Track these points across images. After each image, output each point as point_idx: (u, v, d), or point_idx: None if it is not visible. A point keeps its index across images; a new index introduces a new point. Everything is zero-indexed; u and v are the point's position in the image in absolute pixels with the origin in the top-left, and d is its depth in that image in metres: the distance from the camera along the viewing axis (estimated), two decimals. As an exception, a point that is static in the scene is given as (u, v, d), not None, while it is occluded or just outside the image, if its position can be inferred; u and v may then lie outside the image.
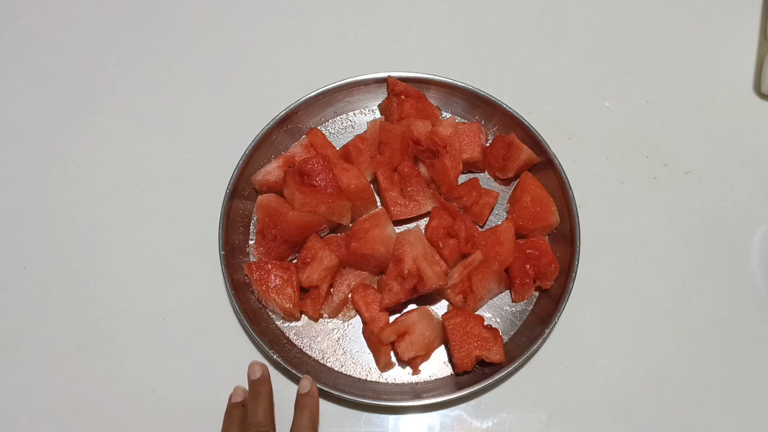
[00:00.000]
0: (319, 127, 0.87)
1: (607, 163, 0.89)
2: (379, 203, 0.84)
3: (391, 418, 0.77)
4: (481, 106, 0.86)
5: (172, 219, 0.86)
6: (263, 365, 0.72)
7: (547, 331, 0.74)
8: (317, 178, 0.77)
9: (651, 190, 0.87)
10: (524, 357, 0.74)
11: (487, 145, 0.87)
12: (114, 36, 0.97)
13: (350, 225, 0.82)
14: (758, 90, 0.93)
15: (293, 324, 0.79)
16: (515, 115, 0.84)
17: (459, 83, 0.86)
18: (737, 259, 0.84)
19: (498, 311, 0.81)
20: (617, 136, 0.90)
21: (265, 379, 0.71)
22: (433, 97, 0.87)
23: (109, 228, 0.86)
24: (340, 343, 0.79)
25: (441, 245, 0.78)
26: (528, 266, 0.78)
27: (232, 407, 0.70)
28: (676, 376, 0.79)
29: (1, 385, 0.79)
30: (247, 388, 0.73)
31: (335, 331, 0.79)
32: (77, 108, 0.93)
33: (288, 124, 0.85)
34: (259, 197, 0.80)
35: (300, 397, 0.70)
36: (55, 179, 0.89)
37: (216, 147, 0.88)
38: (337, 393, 0.73)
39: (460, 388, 0.73)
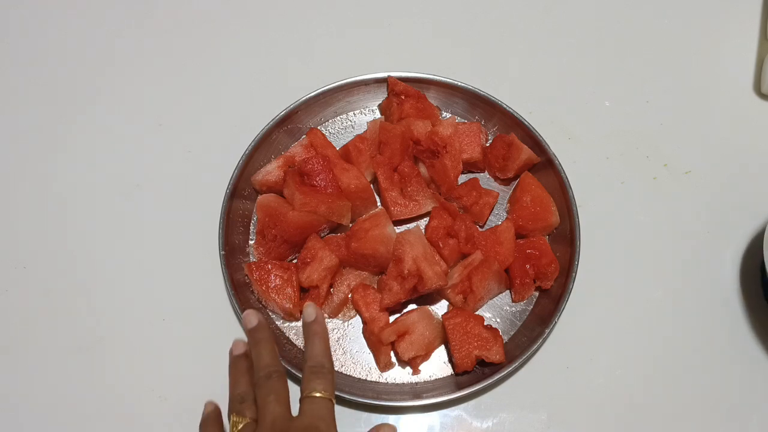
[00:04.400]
0: (319, 127, 0.87)
1: (607, 163, 0.89)
2: (379, 203, 0.84)
3: (391, 418, 0.77)
4: (481, 106, 0.86)
5: (172, 219, 0.86)
6: (258, 312, 0.68)
7: (547, 331, 0.74)
8: (317, 178, 0.77)
9: (651, 190, 0.87)
10: (524, 357, 0.74)
11: (487, 145, 0.87)
12: (114, 35, 0.97)
13: (350, 225, 0.81)
14: (758, 90, 0.92)
15: (293, 324, 0.79)
16: (515, 115, 0.84)
17: (459, 83, 0.86)
18: (737, 258, 0.84)
19: (498, 311, 0.81)
20: (617, 136, 0.90)
21: (263, 326, 0.67)
22: (433, 97, 0.88)
23: (109, 228, 0.86)
24: (340, 343, 0.79)
25: (441, 245, 0.78)
26: (528, 266, 0.78)
27: (235, 359, 0.66)
28: (677, 376, 0.79)
29: (1, 385, 0.79)
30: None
31: (335, 331, 0.79)
32: (77, 107, 0.92)
33: (288, 124, 0.85)
34: (259, 197, 0.80)
35: (308, 326, 0.66)
36: (55, 179, 0.89)
37: (216, 147, 0.88)
38: (337, 393, 0.71)
39: (460, 388, 0.73)
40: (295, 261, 0.81)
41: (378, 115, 0.90)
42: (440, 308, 0.81)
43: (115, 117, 0.92)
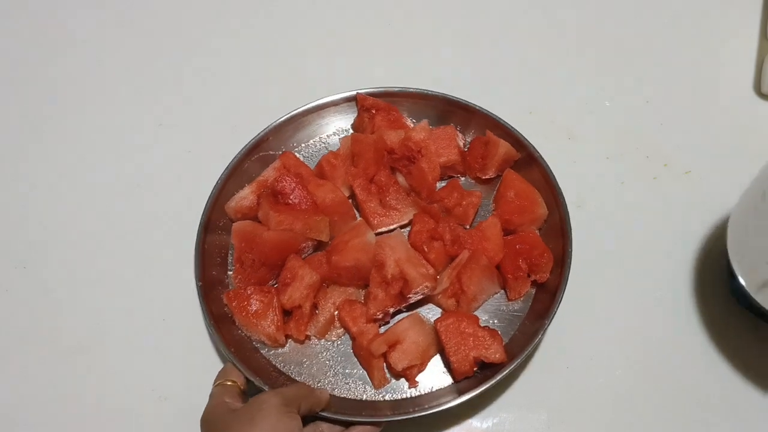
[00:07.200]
0: (293, 152, 1.01)
1: (607, 163, 1.04)
2: (359, 217, 0.96)
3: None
4: (457, 112, 1.01)
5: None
6: None
7: (547, 323, 0.83)
8: (291, 196, 0.90)
9: (651, 190, 1.01)
10: (526, 353, 0.82)
11: (466, 150, 1.00)
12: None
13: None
14: (758, 90, 1.08)
15: (279, 351, 0.89)
16: (491, 116, 0.97)
17: (430, 91, 1.01)
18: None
19: (495, 312, 0.91)
20: (617, 136, 1.05)
21: None
22: (406, 110, 1.03)
23: (109, 228, 1.01)
24: (331, 364, 0.88)
25: (426, 249, 0.89)
26: (520, 261, 0.89)
27: None
28: (677, 375, 0.89)
29: (1, 385, 0.91)
30: None
31: (324, 352, 0.89)
32: (79, 109, 1.12)
33: (259, 152, 0.99)
34: (234, 224, 0.92)
35: None
36: (55, 179, 1.06)
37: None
38: (333, 416, 0.82)
39: (462, 394, 0.81)
40: (276, 285, 0.91)
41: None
42: (435, 315, 0.91)
43: (116, 118, 1.11)
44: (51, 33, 1.19)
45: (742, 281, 0.81)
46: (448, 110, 1.03)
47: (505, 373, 0.83)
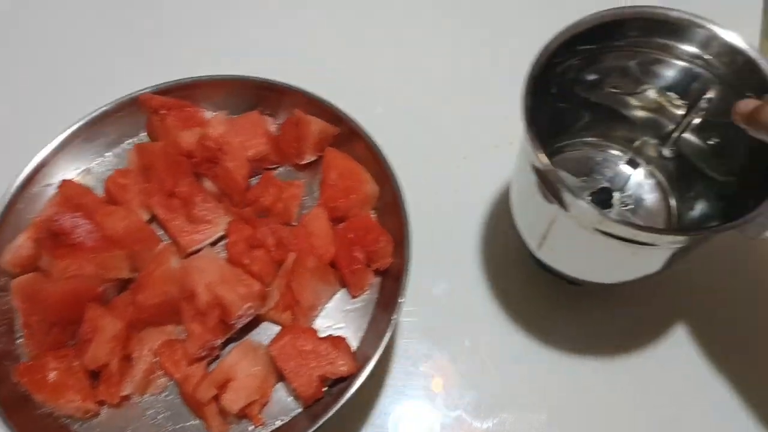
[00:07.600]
0: (78, 178, 0.91)
1: None
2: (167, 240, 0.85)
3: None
4: (266, 96, 0.94)
5: None
6: None
7: (395, 315, 0.77)
8: (74, 234, 0.79)
9: None
10: (380, 352, 0.77)
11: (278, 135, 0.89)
12: None
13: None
14: (758, 90, 1.07)
15: (95, 421, 0.79)
16: (301, 91, 0.92)
17: (226, 76, 0.95)
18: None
19: (340, 315, 0.84)
20: None
21: None
22: (211, 106, 0.96)
23: None
24: (160, 422, 0.79)
25: (248, 261, 0.80)
26: (355, 251, 0.83)
27: None
28: (678, 375, 0.91)
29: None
30: None
31: (150, 409, 0.79)
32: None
33: (34, 186, 0.89)
34: (13, 282, 0.81)
35: None
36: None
37: None
38: None
39: (317, 419, 0.75)
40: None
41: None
42: (275, 333, 0.83)
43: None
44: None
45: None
46: (255, 95, 0.97)
47: (359, 382, 0.78)
